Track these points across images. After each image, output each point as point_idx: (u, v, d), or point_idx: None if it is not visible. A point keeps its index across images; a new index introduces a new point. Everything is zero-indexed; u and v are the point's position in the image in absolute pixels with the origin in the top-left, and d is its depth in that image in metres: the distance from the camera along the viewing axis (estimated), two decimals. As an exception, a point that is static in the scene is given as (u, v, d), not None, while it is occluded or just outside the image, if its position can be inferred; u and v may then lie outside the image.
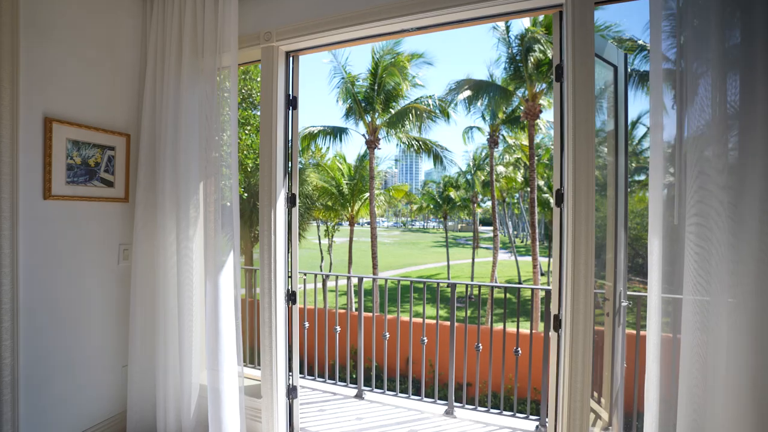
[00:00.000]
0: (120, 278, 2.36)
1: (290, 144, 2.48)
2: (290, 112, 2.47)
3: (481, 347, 3.20)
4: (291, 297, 2.46)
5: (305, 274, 3.90)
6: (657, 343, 1.53)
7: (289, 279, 2.48)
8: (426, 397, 3.26)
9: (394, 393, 3.34)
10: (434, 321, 4.84)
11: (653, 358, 1.53)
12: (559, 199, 1.92)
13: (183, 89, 2.27)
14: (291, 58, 2.48)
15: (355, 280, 25.40)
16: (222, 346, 2.17)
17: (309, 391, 3.46)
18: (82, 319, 2.19)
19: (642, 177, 22.49)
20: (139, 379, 2.31)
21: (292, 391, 2.47)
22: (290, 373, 2.47)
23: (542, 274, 33.65)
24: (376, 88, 12.39)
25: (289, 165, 2.47)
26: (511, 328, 7.93)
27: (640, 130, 25.65)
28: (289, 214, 2.47)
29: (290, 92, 2.47)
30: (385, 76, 11.85)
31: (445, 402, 3.13)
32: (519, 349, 3.03)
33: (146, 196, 2.35)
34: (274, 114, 2.35)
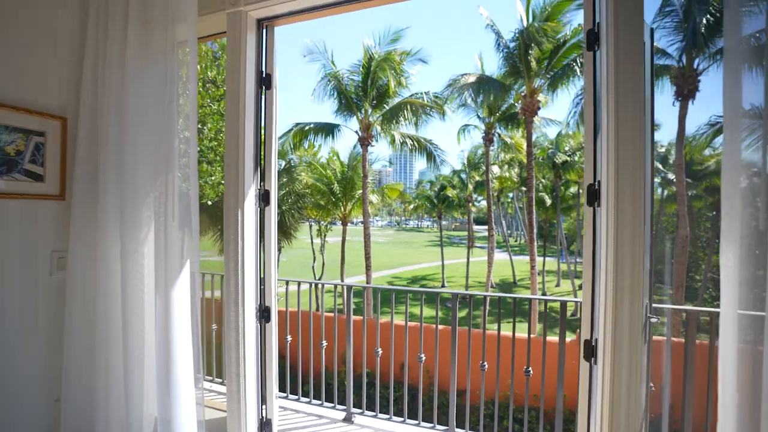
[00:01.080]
0: (53, 293, 1.94)
1: (263, 130, 2.08)
2: (263, 92, 2.07)
3: (486, 366, 2.82)
4: (264, 314, 2.06)
5: (287, 282, 3.50)
6: (734, 367, 1.14)
7: (262, 291, 2.08)
8: (424, 421, 2.88)
9: (388, 416, 2.96)
10: (431, 325, 4.47)
11: (729, 388, 1.15)
12: (592, 196, 1.54)
13: (130, 66, 1.85)
14: (264, 29, 2.08)
15: (350, 282, 25.16)
16: (175, 372, 1.77)
17: (291, 414, 3.07)
18: (4, 345, 1.77)
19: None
20: (75, 417, 1.89)
21: (265, 426, 2.07)
22: (263, 406, 2.07)
23: (538, 274, 33.54)
24: (369, 83, 11.98)
25: (262, 155, 2.07)
26: (520, 333, 7.49)
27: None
28: (262, 213, 2.07)
29: (263, 68, 2.07)
30: (378, 71, 11.44)
31: (446, 428, 2.75)
32: (530, 368, 2.66)
33: (86, 192, 1.93)
34: (241, 94, 1.95)
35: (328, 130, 13.49)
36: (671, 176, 18.72)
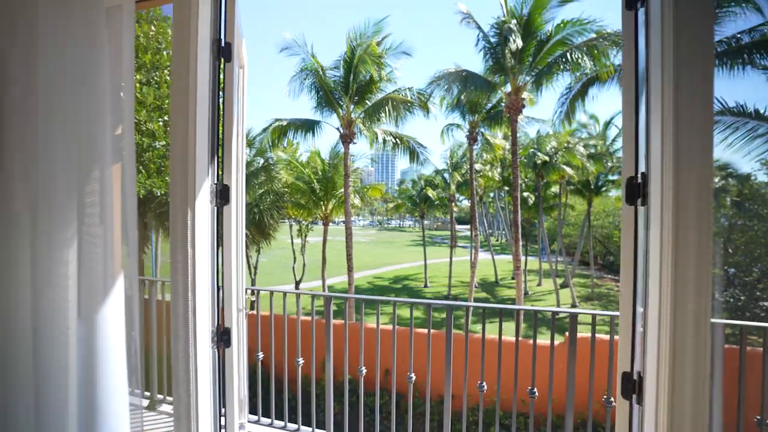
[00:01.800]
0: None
1: (222, 112, 1.69)
2: (221, 65, 1.68)
3: (485, 387, 2.50)
4: (223, 337, 1.67)
5: (255, 292, 3.11)
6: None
7: (221, 310, 1.69)
8: (414, 449, 2.54)
9: (373, 444, 2.60)
10: (418, 331, 4.14)
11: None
12: (634, 192, 1.23)
13: (42, 34, 1.43)
14: (222, -13, 1.69)
15: (332, 283, 24.48)
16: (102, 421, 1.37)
17: (262, 443, 2.68)
18: None
19: (615, 177, 22.69)
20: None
21: (225, 475, 1.69)
22: (221, 450, 1.68)
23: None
24: (350, 77, 11.58)
25: (221, 143, 1.68)
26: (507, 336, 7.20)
27: (613, 131, 26.04)
28: (219, 214, 1.68)
29: (221, 36, 1.68)
30: (360, 65, 11.05)
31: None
32: (535, 390, 2.35)
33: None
34: (192, 66, 1.55)
35: (308, 126, 13.01)
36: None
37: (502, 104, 13.26)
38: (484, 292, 25.62)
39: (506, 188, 30.28)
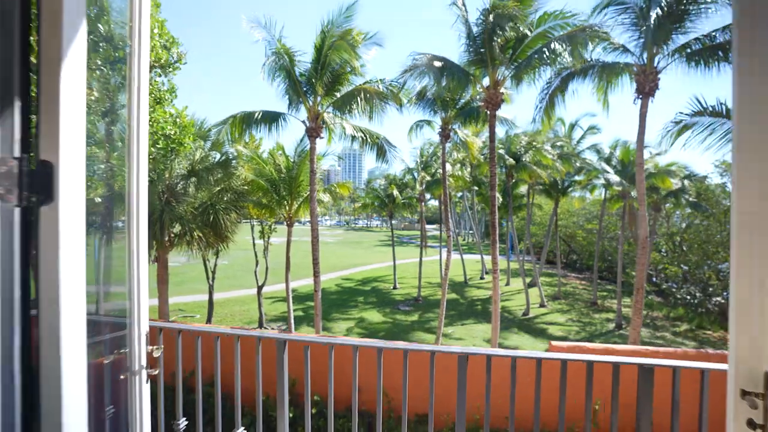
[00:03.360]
0: None
1: (38, 34, 0.79)
2: None
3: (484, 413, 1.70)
4: None
5: (159, 330, 2.17)
6: None
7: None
8: None
9: None
10: (384, 346, 3.35)
11: None
12: None
13: None
14: None
15: (303, 287, 22.91)
16: None
17: None
18: None
19: (581, 177, 22.99)
20: None
21: None
22: None
23: (486, 273, 33.91)
24: (319, 67, 10.61)
25: (37, 88, 0.78)
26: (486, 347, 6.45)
27: (578, 132, 26.49)
28: (28, 218, 0.77)
29: None
30: (331, 53, 10.10)
31: None
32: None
33: None
34: None
35: (271, 119, 11.87)
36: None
37: (478, 99, 12.74)
38: (453, 293, 25.28)
39: (476, 188, 30.22)
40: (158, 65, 6.17)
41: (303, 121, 11.57)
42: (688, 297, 21.63)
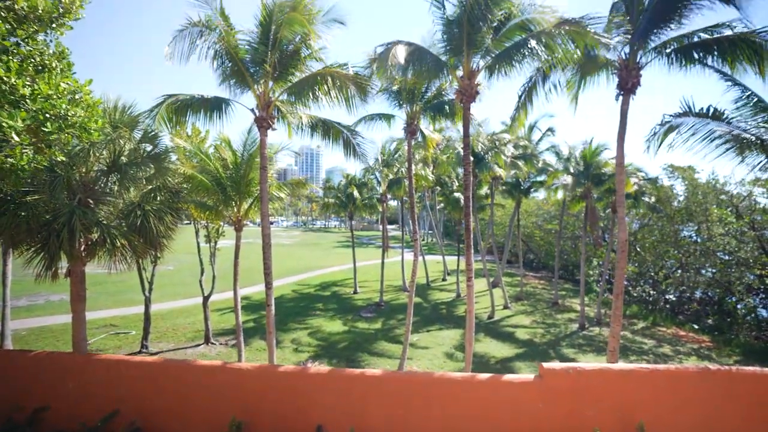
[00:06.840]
0: None
1: None
2: None
3: None
4: None
5: None
6: None
7: None
8: None
9: None
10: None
11: None
12: None
13: None
14: None
15: (256, 293, 20.59)
16: None
17: None
18: None
19: (542, 177, 23.06)
20: None
21: None
22: None
23: (448, 274, 33.48)
24: (269, 45, 9.12)
25: None
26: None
27: (537, 134, 26.65)
28: None
29: None
30: (283, 29, 8.66)
31: None
32: None
33: None
34: None
35: (213, 106, 10.18)
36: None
37: (448, 91, 11.81)
38: (416, 296, 24.46)
39: (438, 188, 29.62)
40: (34, 15, 4.50)
41: (252, 110, 10.01)
42: (644, 294, 22.25)
